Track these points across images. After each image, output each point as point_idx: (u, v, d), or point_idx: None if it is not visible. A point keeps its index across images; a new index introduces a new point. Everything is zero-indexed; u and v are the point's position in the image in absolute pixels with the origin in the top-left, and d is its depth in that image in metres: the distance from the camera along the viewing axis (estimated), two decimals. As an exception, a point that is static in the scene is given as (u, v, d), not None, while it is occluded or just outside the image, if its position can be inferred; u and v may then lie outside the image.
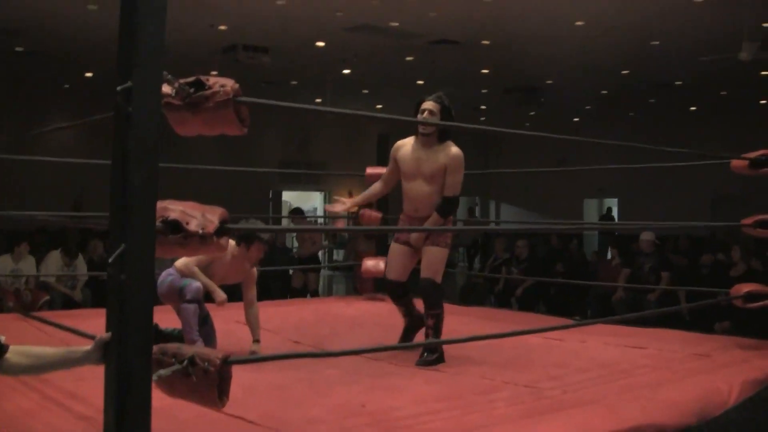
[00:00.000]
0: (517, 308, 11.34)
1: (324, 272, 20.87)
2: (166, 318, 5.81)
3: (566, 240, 14.26)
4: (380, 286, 5.76)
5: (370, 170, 8.20)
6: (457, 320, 7.10)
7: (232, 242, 5.32)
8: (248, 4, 11.28)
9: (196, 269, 5.41)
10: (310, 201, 25.53)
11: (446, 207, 5.43)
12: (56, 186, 15.94)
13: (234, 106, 2.94)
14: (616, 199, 23.53)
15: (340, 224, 16.07)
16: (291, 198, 24.04)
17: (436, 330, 5.41)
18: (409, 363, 5.16)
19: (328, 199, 23.69)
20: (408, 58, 14.85)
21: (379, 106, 20.77)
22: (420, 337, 5.67)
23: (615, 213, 23.74)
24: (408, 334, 5.77)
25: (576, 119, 22.59)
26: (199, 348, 2.92)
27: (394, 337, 5.99)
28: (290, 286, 11.72)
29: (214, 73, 16.50)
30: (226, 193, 15.07)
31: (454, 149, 5.42)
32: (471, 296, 12.47)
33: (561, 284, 11.37)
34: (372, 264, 8.21)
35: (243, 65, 14.02)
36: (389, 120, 4.73)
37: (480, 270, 14.24)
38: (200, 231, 2.86)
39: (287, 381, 4.55)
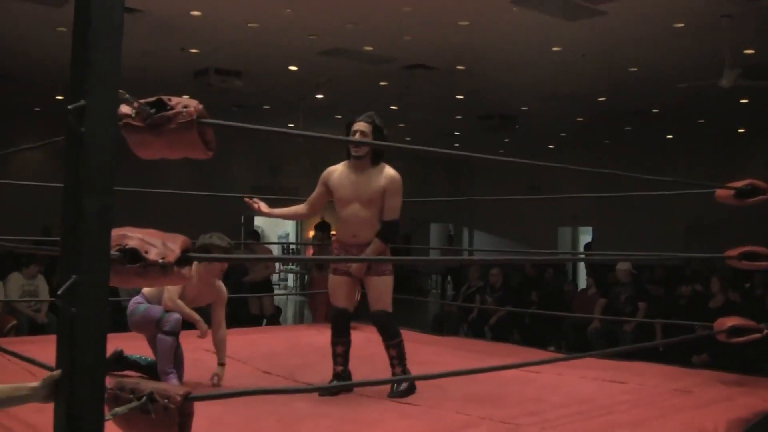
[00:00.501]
0: (491, 337, 11.18)
1: (297, 298, 20.68)
2: (132, 345, 5.63)
3: (541, 268, 14.14)
4: (332, 315, 5.52)
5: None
6: (429, 350, 6.96)
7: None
8: (220, 26, 11.13)
9: (180, 302, 5.28)
10: (282, 227, 25.35)
11: (388, 232, 5.24)
12: (25, 210, 15.68)
13: (198, 128, 2.74)
14: (590, 228, 23.44)
15: (310, 252, 15.89)
16: (263, 223, 23.85)
17: (401, 358, 5.26)
18: (381, 395, 4.98)
19: (300, 225, 23.49)
20: (382, 83, 14.72)
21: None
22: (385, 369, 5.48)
23: (589, 240, 23.65)
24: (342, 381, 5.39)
25: (551, 146, 22.56)
26: (158, 383, 2.73)
27: (366, 367, 5.83)
28: (247, 312, 11.50)
29: (186, 96, 16.34)
30: (197, 218, 14.87)
31: (392, 171, 5.28)
32: (444, 325, 12.31)
33: (536, 314, 11.24)
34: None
35: (215, 89, 13.87)
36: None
37: (453, 298, 14.07)
38: (160, 260, 2.65)
39: (255, 414, 4.38)
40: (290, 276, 24.08)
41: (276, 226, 25.09)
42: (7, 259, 12.33)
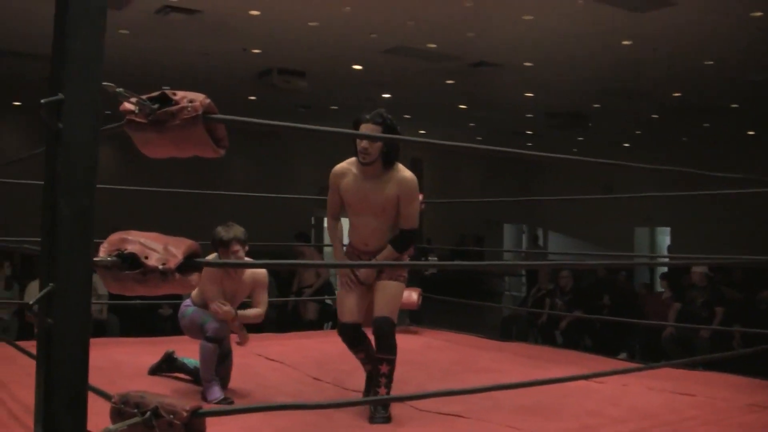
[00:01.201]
0: (561, 342, 10.85)
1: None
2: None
3: (614, 271, 13.69)
4: (339, 332, 4.92)
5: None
6: (489, 357, 6.68)
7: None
8: (280, 25, 10.99)
9: (232, 310, 4.99)
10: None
11: (404, 242, 4.73)
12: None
13: (205, 124, 2.52)
14: (668, 228, 22.84)
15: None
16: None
17: (389, 379, 4.65)
18: (428, 407, 4.66)
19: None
20: (448, 81, 14.45)
21: (422, 132, 20.39)
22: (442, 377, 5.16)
23: (667, 241, 23.03)
24: (373, 380, 4.88)
25: (626, 144, 22.03)
26: (165, 397, 2.54)
27: (421, 374, 5.62)
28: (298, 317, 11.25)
29: (252, 98, 16.40)
30: (268, 219, 14.87)
31: (405, 174, 4.68)
32: (512, 328, 11.98)
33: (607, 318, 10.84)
34: (404, 295, 7.76)
35: (280, 90, 13.75)
36: (423, 144, 4.36)
37: (523, 300, 13.75)
38: (160, 266, 2.46)
39: (293, 425, 4.18)
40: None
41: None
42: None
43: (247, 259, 5.08)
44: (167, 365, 5.48)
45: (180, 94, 2.53)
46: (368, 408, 4.51)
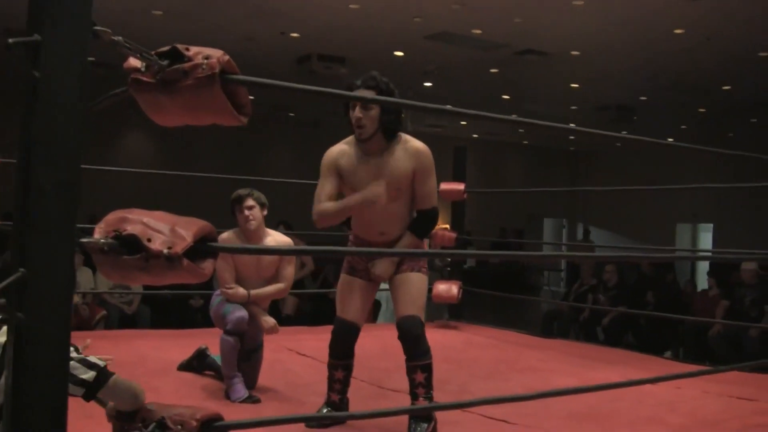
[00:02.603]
0: (604, 338, 10.55)
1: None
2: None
3: (659, 267, 13.32)
4: (335, 330, 4.23)
5: (445, 186, 7.57)
6: (535, 355, 6.43)
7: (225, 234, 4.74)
8: (319, 8, 10.73)
9: (242, 291, 4.71)
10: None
11: (425, 224, 4.13)
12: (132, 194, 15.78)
13: (223, 85, 2.11)
14: (711, 225, 22.41)
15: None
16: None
17: (429, 386, 4.00)
18: (473, 409, 4.36)
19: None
20: (492, 70, 14.14)
21: (464, 123, 20.07)
22: (488, 375, 4.87)
23: (710, 239, 22.59)
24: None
25: (671, 139, 21.57)
26: (173, 407, 2.26)
27: (464, 375, 5.41)
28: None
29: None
30: (304, 206, 14.60)
31: (417, 145, 4.04)
32: (554, 324, 11.69)
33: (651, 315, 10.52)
34: (444, 288, 7.49)
35: (320, 76, 13.51)
36: (466, 132, 4.05)
37: (565, 295, 13.43)
38: (165, 251, 2.05)
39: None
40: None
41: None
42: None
43: (268, 231, 4.86)
44: (198, 362, 5.20)
45: (194, 49, 2.13)
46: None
